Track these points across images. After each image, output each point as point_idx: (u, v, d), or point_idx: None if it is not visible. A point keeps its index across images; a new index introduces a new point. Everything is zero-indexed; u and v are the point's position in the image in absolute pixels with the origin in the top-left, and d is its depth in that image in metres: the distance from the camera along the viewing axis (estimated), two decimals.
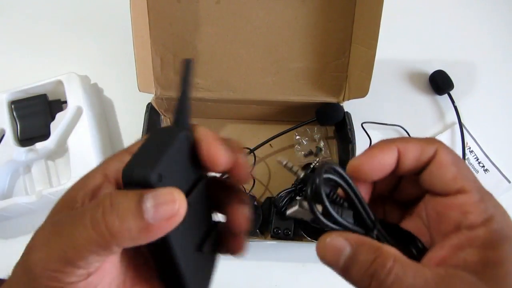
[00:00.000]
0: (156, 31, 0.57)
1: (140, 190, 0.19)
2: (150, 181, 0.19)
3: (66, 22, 0.73)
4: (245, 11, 0.56)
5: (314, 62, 0.58)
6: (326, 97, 0.59)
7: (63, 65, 0.69)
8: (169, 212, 0.19)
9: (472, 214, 0.21)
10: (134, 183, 0.19)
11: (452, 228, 0.22)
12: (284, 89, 0.59)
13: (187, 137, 0.22)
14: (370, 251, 0.21)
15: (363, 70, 0.54)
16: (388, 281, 0.20)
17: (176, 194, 0.19)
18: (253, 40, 0.57)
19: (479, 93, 0.67)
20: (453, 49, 0.70)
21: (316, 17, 0.56)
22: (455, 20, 0.72)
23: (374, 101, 0.59)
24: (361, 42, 0.55)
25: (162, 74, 0.59)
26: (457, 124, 0.64)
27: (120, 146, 0.65)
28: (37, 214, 0.60)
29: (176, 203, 0.19)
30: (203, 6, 0.56)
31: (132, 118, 0.62)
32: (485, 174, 0.62)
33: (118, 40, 0.67)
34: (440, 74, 0.66)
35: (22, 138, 0.60)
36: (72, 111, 0.59)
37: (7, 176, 0.61)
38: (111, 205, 0.19)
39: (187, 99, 0.23)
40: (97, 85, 0.69)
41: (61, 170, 0.62)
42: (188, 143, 0.23)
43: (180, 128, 0.23)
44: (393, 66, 0.69)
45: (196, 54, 0.58)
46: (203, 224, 0.25)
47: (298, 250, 0.58)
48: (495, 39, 0.71)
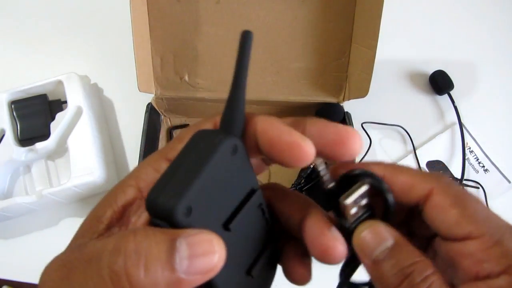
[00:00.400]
0: (156, 31, 0.57)
1: (171, 232, 0.16)
2: (175, 218, 0.16)
3: (66, 22, 0.73)
4: (245, 11, 0.55)
5: (314, 62, 0.58)
6: (326, 97, 0.59)
7: (63, 65, 0.69)
8: (206, 266, 0.16)
9: (488, 262, 0.19)
10: (158, 217, 0.16)
11: (468, 277, 0.19)
12: (284, 89, 0.59)
13: (234, 145, 0.18)
14: (413, 253, 0.20)
15: (363, 70, 0.54)
16: (422, 287, 0.18)
17: (215, 243, 0.16)
18: (253, 40, 0.57)
19: (479, 93, 0.67)
20: (453, 49, 0.70)
21: (316, 17, 0.56)
22: (455, 20, 0.72)
23: (374, 101, 0.59)
24: (361, 42, 0.55)
25: (162, 74, 0.59)
26: (457, 124, 0.64)
27: (120, 146, 0.65)
28: (37, 214, 0.60)
29: (215, 255, 0.16)
30: (203, 6, 0.56)
31: (132, 118, 0.62)
32: (485, 174, 0.62)
33: (118, 40, 0.67)
34: (440, 74, 0.66)
35: (22, 138, 0.60)
36: (72, 111, 0.59)
37: (7, 176, 0.61)
38: (135, 252, 0.15)
39: (243, 88, 0.18)
40: (97, 85, 0.69)
41: (61, 170, 0.62)
42: (236, 149, 0.18)
43: (226, 132, 0.18)
44: (393, 66, 0.69)
45: (196, 54, 0.58)
46: (256, 245, 0.21)
47: None
48: (495, 39, 0.71)
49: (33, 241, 0.59)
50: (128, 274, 0.15)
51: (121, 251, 0.15)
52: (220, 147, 0.17)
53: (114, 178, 0.62)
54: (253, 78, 0.59)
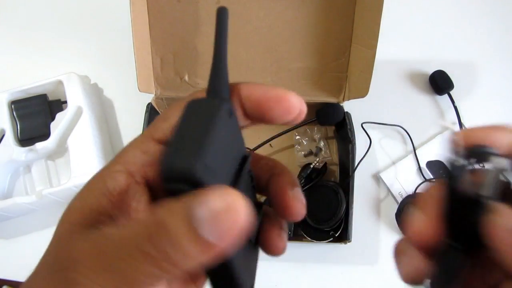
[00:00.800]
0: (156, 31, 0.57)
1: (186, 199, 0.15)
2: (195, 175, 0.15)
3: (66, 22, 0.73)
4: (245, 11, 0.56)
5: (314, 62, 0.58)
6: (326, 97, 0.59)
7: (63, 65, 0.69)
8: (233, 224, 0.15)
9: None
10: (176, 180, 0.16)
11: None
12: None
13: (229, 109, 0.18)
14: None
15: (363, 70, 0.54)
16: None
17: (239, 197, 0.15)
18: (253, 40, 0.57)
19: (479, 93, 0.67)
20: (453, 49, 0.70)
21: (316, 17, 0.56)
22: (455, 20, 0.72)
23: (374, 101, 0.59)
24: (361, 42, 0.55)
25: (162, 74, 0.59)
26: (457, 124, 0.64)
27: (120, 146, 0.65)
28: (37, 214, 0.60)
29: (241, 211, 0.15)
30: (203, 6, 0.56)
31: (132, 118, 0.62)
32: None
33: (118, 40, 0.67)
34: (440, 74, 0.66)
35: (22, 138, 0.60)
36: (72, 111, 0.59)
37: (7, 176, 0.61)
38: (157, 232, 0.15)
39: (224, 59, 0.20)
40: (97, 85, 0.69)
41: (61, 170, 0.62)
42: (231, 113, 0.19)
43: (220, 98, 0.19)
44: (393, 66, 0.69)
45: (196, 54, 0.58)
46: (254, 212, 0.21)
47: (298, 250, 0.58)
48: (495, 39, 0.71)
49: (33, 241, 0.59)
50: (159, 252, 0.15)
51: (144, 234, 0.15)
52: (220, 110, 0.17)
53: None
54: (253, 78, 0.59)
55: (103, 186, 0.18)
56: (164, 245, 0.15)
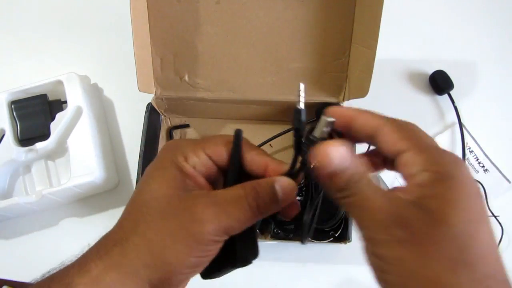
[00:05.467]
0: (156, 31, 0.57)
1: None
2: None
3: (66, 22, 0.73)
4: (245, 11, 0.56)
5: (314, 62, 0.58)
6: (326, 97, 0.59)
7: (63, 65, 0.69)
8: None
9: (412, 165, 0.24)
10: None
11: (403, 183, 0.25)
12: (284, 89, 0.59)
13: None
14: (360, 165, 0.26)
15: (363, 70, 0.54)
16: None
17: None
18: (253, 40, 0.57)
19: (479, 93, 0.67)
20: (453, 49, 0.70)
21: (316, 17, 0.56)
22: (455, 20, 0.72)
23: (374, 101, 0.59)
24: (361, 42, 0.55)
25: (162, 74, 0.59)
26: (457, 124, 0.64)
27: (120, 146, 0.65)
28: (37, 214, 0.60)
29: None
30: (203, 6, 0.56)
31: (132, 118, 0.62)
32: (485, 174, 0.62)
33: (118, 40, 0.67)
34: (440, 74, 0.66)
35: (22, 138, 0.60)
36: (72, 111, 0.59)
37: (7, 176, 0.61)
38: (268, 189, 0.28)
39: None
40: (97, 85, 0.69)
41: (61, 170, 0.62)
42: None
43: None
44: (393, 66, 0.69)
45: (196, 54, 0.58)
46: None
47: (298, 250, 0.58)
48: (495, 39, 0.71)
49: (33, 241, 0.59)
50: (265, 207, 0.28)
51: (253, 192, 0.27)
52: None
53: (114, 178, 0.62)
54: (253, 78, 0.59)
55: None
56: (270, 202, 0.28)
